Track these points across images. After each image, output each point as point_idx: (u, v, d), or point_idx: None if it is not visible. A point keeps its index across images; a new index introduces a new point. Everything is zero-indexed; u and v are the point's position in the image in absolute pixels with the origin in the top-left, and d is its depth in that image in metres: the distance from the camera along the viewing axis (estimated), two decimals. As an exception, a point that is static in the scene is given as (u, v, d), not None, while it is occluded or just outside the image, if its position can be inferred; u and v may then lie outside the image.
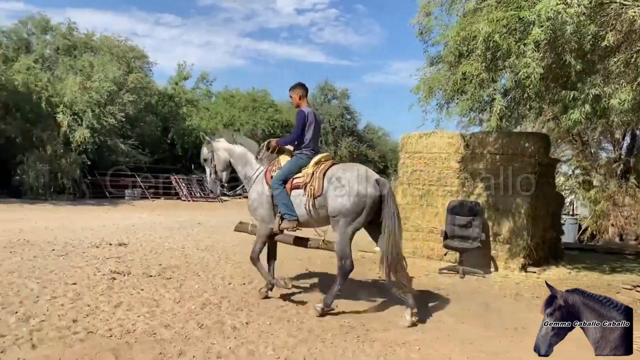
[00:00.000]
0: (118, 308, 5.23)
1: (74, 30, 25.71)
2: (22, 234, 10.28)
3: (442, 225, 9.08)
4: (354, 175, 5.39)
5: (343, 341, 4.60)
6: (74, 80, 20.93)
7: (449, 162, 9.63)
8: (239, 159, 6.22)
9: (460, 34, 6.74)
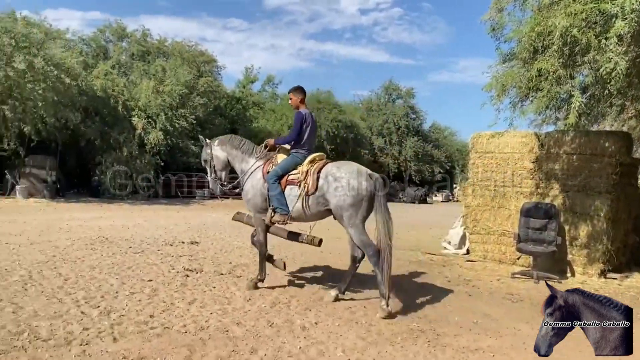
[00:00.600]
0: (192, 305, 5.39)
1: (147, 36, 26.94)
2: (101, 232, 10.84)
3: (514, 228, 8.74)
4: (348, 171, 5.71)
5: (413, 345, 4.52)
6: (148, 85, 21.92)
7: (522, 163, 9.27)
8: (235, 157, 6.54)
9: (536, 29, 6.45)
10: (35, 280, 6.10)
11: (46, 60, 18.40)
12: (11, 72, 17.60)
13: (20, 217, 13.31)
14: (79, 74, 20.64)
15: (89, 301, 5.29)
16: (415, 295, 6.37)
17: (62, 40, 22.92)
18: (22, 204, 17.38)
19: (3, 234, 9.81)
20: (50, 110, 18.61)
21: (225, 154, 6.62)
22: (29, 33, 18.74)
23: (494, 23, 7.73)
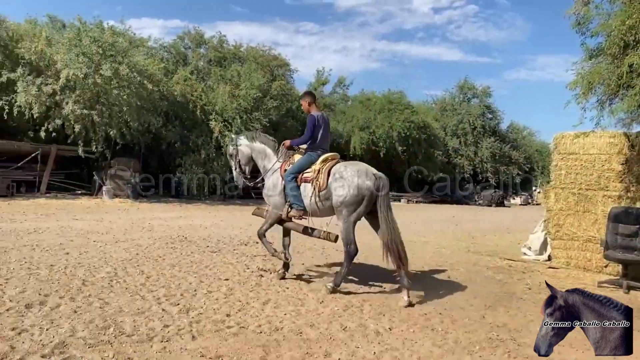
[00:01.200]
0: (266, 305, 5.46)
1: (224, 42, 27.80)
2: (180, 231, 11.27)
3: (601, 234, 8.20)
4: (354, 171, 6.16)
5: (492, 355, 4.32)
6: (224, 89, 22.63)
7: (610, 164, 8.68)
8: (258, 153, 7.04)
9: (627, 22, 6.04)
10: (120, 277, 6.41)
11: (130, 67, 19.44)
12: (99, 79, 18.75)
13: (106, 216, 14.11)
14: (160, 80, 21.65)
15: (169, 298, 5.48)
16: (494, 303, 6.11)
17: (145, 47, 24.15)
18: (108, 204, 18.45)
19: (92, 232, 10.43)
20: (134, 114, 19.65)
21: (249, 150, 7.12)
22: (115, 42, 19.88)
23: (579, 17, 7.31)
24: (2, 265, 6.62)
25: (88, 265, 7.01)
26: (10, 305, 4.85)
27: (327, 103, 35.08)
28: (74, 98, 18.76)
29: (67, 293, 5.44)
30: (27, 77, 18.49)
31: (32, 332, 4.17)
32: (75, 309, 4.87)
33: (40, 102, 18.35)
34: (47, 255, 7.56)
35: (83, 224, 11.75)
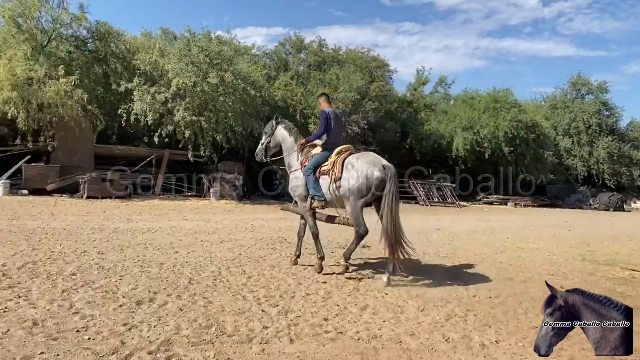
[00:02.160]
0: (364, 311, 5.33)
1: (323, 46, 28.14)
2: (281, 233, 11.47)
3: None
4: (364, 161, 6.66)
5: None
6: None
7: None
8: (287, 149, 7.62)
9: None
10: (224, 276, 6.60)
11: (235, 74, 20.27)
12: (206, 87, 19.74)
13: (213, 217, 14.76)
14: (263, 85, 22.36)
15: (268, 299, 5.54)
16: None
17: (249, 55, 25.08)
18: (215, 205, 19.33)
19: (199, 232, 10.92)
20: (238, 120, 20.46)
21: (281, 139, 7.71)
22: (221, 51, 20.83)
23: None
24: (118, 263, 7.09)
25: (194, 264, 7.31)
26: (122, 302, 5.14)
27: (427, 103, 34.29)
28: (184, 105, 19.89)
29: (175, 291, 5.68)
30: (142, 87, 19.89)
31: (140, 328, 4.37)
32: (181, 307, 5.06)
33: (154, 109, 19.66)
34: (158, 254, 8.00)
35: (192, 224, 12.36)
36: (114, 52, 21.89)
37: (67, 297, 5.21)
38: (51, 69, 18.87)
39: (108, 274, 6.39)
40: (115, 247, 8.37)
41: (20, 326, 4.23)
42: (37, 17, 19.79)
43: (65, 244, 8.51)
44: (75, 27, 21.23)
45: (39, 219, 11.69)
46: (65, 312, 4.71)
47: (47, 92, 18.01)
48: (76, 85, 18.64)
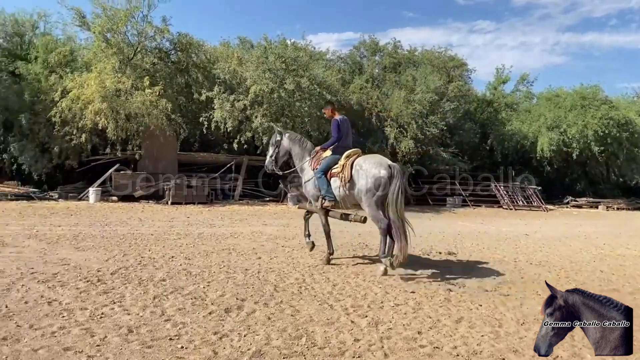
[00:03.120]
0: (459, 323, 5.01)
1: (398, 48, 27.68)
2: (360, 238, 11.26)
3: None
4: (371, 163, 7.26)
5: None
6: (399, 95, 22.44)
7: None
8: (297, 154, 8.28)
9: None
10: (308, 284, 6.48)
11: (311, 79, 20.33)
12: (283, 93, 19.93)
13: (291, 222, 14.79)
14: (338, 90, 22.28)
15: (356, 309, 5.34)
16: None
17: (323, 60, 25.12)
18: (292, 210, 19.41)
19: (279, 238, 10.95)
20: (314, 124, 20.50)
21: (289, 147, 8.33)
22: (297, 57, 20.97)
23: None
24: (205, 269, 7.16)
25: (278, 270, 7.25)
26: (212, 309, 5.13)
27: (508, 102, 32.83)
28: (262, 112, 20.20)
29: (261, 298, 5.62)
30: (222, 95, 20.41)
31: (231, 337, 4.31)
32: (269, 316, 4.98)
33: (233, 116, 20.10)
34: (242, 260, 8.03)
35: (272, 229, 12.43)
36: (195, 63, 22.63)
37: (159, 303, 5.27)
38: (137, 81, 19.78)
39: (196, 280, 6.46)
40: (201, 253, 8.50)
41: (116, 333, 4.29)
42: (123, 31, 20.84)
43: (153, 249, 8.76)
44: (158, 40, 22.16)
45: (128, 225, 12.19)
46: (158, 319, 4.75)
47: (133, 102, 18.88)
48: (160, 95, 19.42)
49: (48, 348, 3.88)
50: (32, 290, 5.60)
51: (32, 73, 20.29)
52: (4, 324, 4.40)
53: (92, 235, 10.19)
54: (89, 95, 18.43)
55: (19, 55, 21.99)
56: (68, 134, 19.15)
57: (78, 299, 5.32)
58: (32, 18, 23.51)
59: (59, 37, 23.34)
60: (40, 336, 4.13)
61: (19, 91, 19.71)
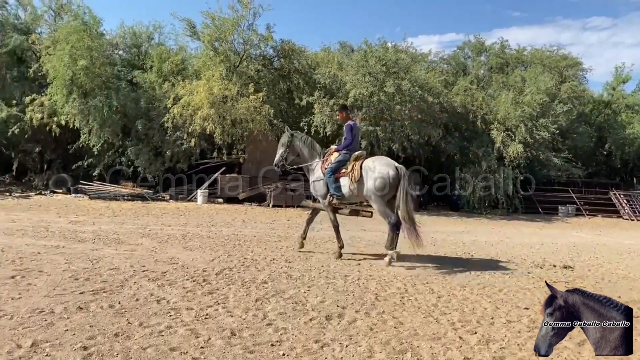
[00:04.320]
0: (582, 347, 4.48)
1: (506, 47, 26.36)
2: (465, 248, 10.72)
3: None
4: (380, 164, 8.00)
5: None
6: (507, 97, 21.30)
7: None
8: (306, 155, 8.85)
9: None
10: (411, 294, 6.19)
11: (412, 82, 19.88)
12: (383, 96, 19.67)
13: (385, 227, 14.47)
14: (441, 92, 21.60)
15: (464, 325, 4.98)
16: None
17: (425, 62, 24.51)
18: (391, 216, 19.08)
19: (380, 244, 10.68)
20: (415, 128, 20.01)
21: (300, 149, 8.85)
22: (397, 59, 20.62)
23: None
24: (305, 272, 7.12)
25: (379, 278, 7.03)
26: (312, 315, 5.02)
27: (629, 103, 30.03)
28: (361, 115, 20.07)
29: (362, 307, 5.43)
30: (322, 100, 20.55)
31: (333, 347, 4.17)
32: (371, 326, 4.78)
33: (333, 120, 20.16)
34: (342, 265, 7.90)
35: (370, 235, 12.22)
36: (296, 69, 23.02)
37: (261, 306, 5.26)
38: (242, 87, 20.48)
39: (296, 284, 6.41)
40: (301, 256, 8.49)
41: (219, 335, 4.30)
42: (230, 40, 21.66)
43: (255, 250, 8.89)
44: (262, 47, 22.81)
45: (232, 226, 12.57)
46: (260, 322, 4.72)
47: (239, 108, 19.55)
48: (263, 101, 19.95)
49: (155, 347, 3.96)
50: (143, 287, 5.84)
51: (147, 81, 21.69)
52: (116, 320, 4.58)
53: (199, 235, 10.59)
54: (198, 102, 19.36)
55: (136, 65, 23.64)
56: (179, 139, 20.25)
57: (185, 298, 5.46)
58: (148, 30, 25.20)
59: (171, 47, 24.82)
60: (149, 334, 4.24)
61: (136, 99, 21.15)
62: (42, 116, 20.36)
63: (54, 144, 23.59)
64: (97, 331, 4.26)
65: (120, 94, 20.47)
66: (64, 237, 9.44)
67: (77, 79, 19.54)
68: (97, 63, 20.16)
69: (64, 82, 19.45)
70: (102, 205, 16.79)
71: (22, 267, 6.62)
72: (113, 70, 21.63)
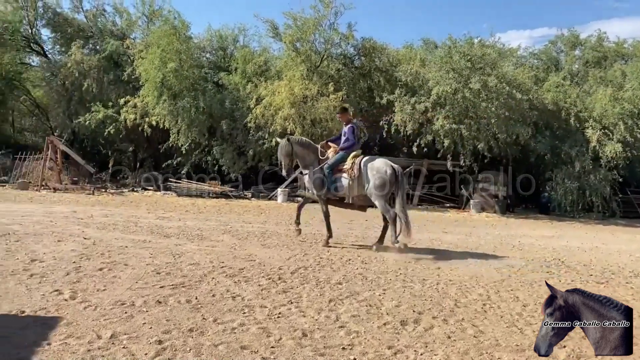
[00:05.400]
0: None
1: (603, 40, 24.59)
2: (555, 253, 10.05)
3: None
4: (380, 163, 8.90)
5: None
6: (604, 93, 19.81)
7: None
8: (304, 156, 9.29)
9: None
10: (494, 301, 5.84)
11: (499, 78, 19.02)
12: (467, 93, 18.96)
13: (474, 230, 13.91)
14: (530, 88, 20.49)
15: (553, 338, 4.59)
16: None
17: (514, 57, 23.39)
18: (475, 218, 18.38)
19: (461, 247, 10.28)
20: (502, 126, 19.12)
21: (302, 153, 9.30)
22: (483, 54, 19.80)
23: None
24: (381, 275, 6.93)
25: (459, 283, 6.70)
26: (387, 319, 4.85)
27: None
28: (444, 113, 19.49)
29: (440, 313, 5.18)
30: (403, 98, 20.17)
31: (407, 354, 3.99)
32: (448, 334, 4.53)
33: (414, 119, 19.74)
34: (420, 268, 7.62)
35: (452, 238, 11.78)
36: (377, 67, 22.79)
37: (334, 307, 5.16)
38: (322, 87, 20.56)
39: (371, 286, 6.25)
40: (377, 258, 8.30)
41: (291, 335, 4.25)
42: (311, 40, 21.84)
43: (332, 250, 8.82)
44: (343, 46, 22.82)
45: (310, 225, 12.54)
46: (332, 324, 4.62)
47: (319, 108, 19.66)
48: (343, 100, 19.91)
49: (227, 345, 3.97)
50: (220, 283, 5.93)
51: (232, 83, 22.33)
52: (192, 315, 4.66)
53: (278, 233, 10.69)
54: (279, 102, 19.67)
55: (222, 67, 24.45)
56: (261, 139, 20.68)
57: (259, 296, 5.47)
58: (233, 32, 25.99)
59: (255, 49, 25.42)
60: (222, 331, 4.26)
61: (221, 100, 21.86)
62: (135, 117, 21.55)
63: (146, 144, 25.00)
64: (173, 325, 4.34)
65: (206, 95, 21.24)
66: (151, 232, 9.87)
67: (167, 81, 20.51)
68: (186, 65, 21.06)
69: (155, 84, 20.49)
70: (188, 202, 17.50)
71: (110, 260, 6.96)
72: (200, 73, 22.50)
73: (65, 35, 25.10)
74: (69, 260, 6.74)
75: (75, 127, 23.99)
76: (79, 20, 25.82)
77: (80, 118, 22.66)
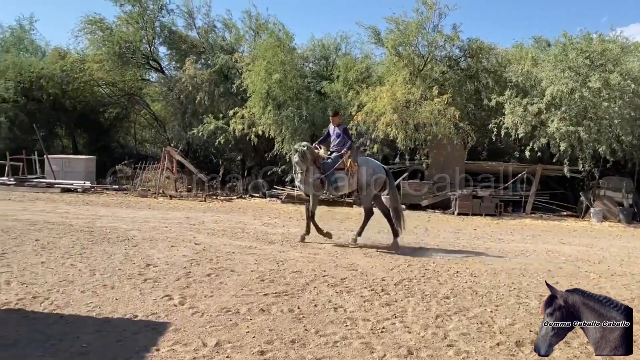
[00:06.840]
0: None
1: None
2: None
3: None
4: (374, 163, 10.25)
5: None
6: None
7: None
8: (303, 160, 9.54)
9: None
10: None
11: (623, 75, 17.36)
12: (586, 92, 17.48)
13: (596, 242, 12.72)
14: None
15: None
16: None
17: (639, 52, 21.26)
18: (596, 228, 16.85)
19: (581, 260, 9.42)
20: (626, 127, 17.40)
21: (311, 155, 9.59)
22: (604, 50, 18.19)
23: None
24: (492, 289, 6.48)
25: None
26: (500, 339, 4.48)
27: None
28: (560, 115, 18.11)
29: (561, 335, 4.67)
30: (513, 99, 19.06)
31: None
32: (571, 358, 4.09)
33: (526, 122, 18.54)
34: (536, 283, 7.04)
35: (571, 249, 10.84)
36: (485, 68, 21.80)
37: (441, 324, 4.87)
38: (426, 91, 20.02)
39: (482, 301, 5.85)
40: (488, 271, 7.78)
41: (395, 352, 4.05)
42: (414, 43, 21.38)
43: (438, 261, 8.42)
44: (448, 48, 22.10)
45: (413, 234, 12.17)
46: (440, 342, 4.34)
47: (422, 112, 19.14)
48: (449, 103, 19.24)
49: (329, 359, 3.84)
50: (322, 293, 5.84)
51: (334, 91, 22.47)
52: (294, 325, 4.60)
53: (379, 241, 10.47)
54: (381, 108, 19.43)
55: (324, 76, 24.69)
56: (362, 145, 20.56)
57: (362, 308, 5.31)
58: (335, 41, 26.16)
59: (357, 56, 25.37)
60: (324, 344, 4.16)
61: (323, 108, 22.03)
62: (243, 127, 22.38)
63: (253, 152, 25.89)
64: (275, 336, 4.30)
65: (309, 104, 21.54)
66: (257, 239, 10.09)
67: (272, 91, 21.10)
68: (290, 76, 21.52)
69: (260, 95, 21.16)
70: (292, 209, 17.81)
71: (218, 265, 7.16)
72: (303, 82, 22.89)
73: (180, 51, 26.76)
74: (180, 266, 7.03)
75: (190, 138, 25.42)
76: (192, 37, 27.42)
77: (194, 129, 23.98)
